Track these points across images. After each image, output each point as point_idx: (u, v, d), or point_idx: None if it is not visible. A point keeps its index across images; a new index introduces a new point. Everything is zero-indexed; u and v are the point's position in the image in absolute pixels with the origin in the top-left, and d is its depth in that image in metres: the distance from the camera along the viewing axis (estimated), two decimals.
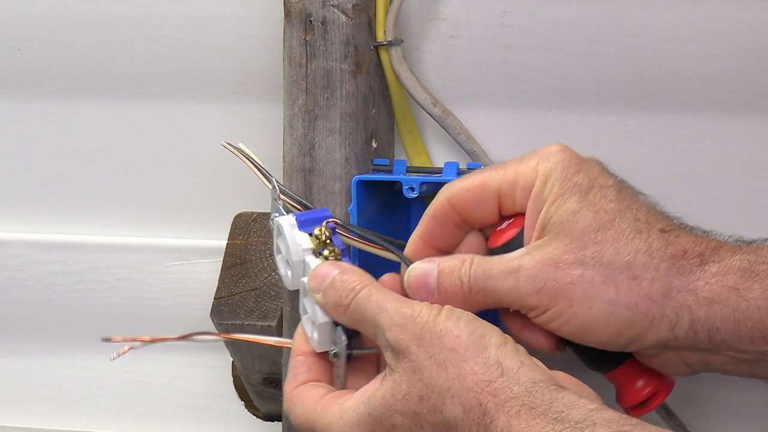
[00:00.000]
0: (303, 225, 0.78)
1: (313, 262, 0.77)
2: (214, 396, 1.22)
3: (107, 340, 0.86)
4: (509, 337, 0.72)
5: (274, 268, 1.09)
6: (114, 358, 0.85)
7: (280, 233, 0.81)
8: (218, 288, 1.11)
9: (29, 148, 1.20)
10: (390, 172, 1.04)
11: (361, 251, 0.94)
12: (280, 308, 1.07)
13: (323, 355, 0.78)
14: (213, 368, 1.21)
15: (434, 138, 1.10)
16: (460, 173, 1.02)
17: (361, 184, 1.01)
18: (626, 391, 0.84)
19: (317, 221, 0.82)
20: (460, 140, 1.07)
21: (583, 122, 1.07)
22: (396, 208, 1.09)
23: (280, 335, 1.07)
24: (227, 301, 1.10)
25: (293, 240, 0.78)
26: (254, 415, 1.21)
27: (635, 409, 0.84)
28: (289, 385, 0.79)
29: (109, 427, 1.24)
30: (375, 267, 1.05)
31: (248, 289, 1.10)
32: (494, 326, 0.72)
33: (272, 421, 1.20)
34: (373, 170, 1.05)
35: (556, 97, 1.07)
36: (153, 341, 0.86)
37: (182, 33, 1.13)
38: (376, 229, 1.03)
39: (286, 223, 0.78)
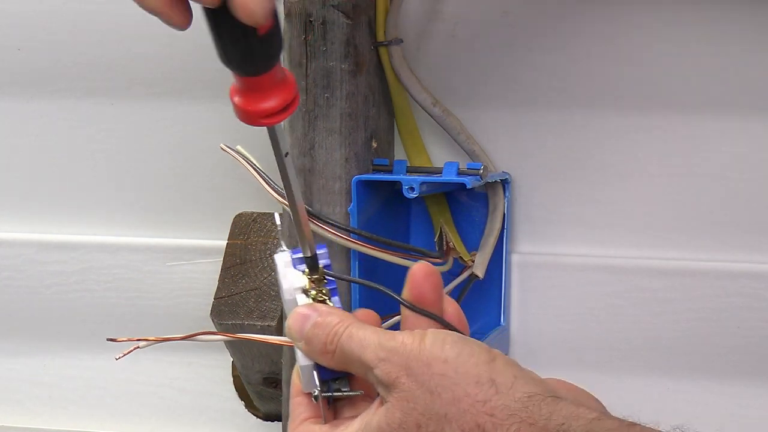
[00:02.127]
0: (298, 262, 0.78)
1: (302, 302, 0.77)
2: (214, 396, 1.22)
3: (112, 340, 0.85)
4: (497, 351, 0.71)
5: (274, 268, 1.10)
6: (119, 358, 0.85)
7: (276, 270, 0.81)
8: (218, 288, 1.11)
9: (29, 148, 1.20)
10: (390, 172, 1.04)
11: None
12: (280, 308, 1.07)
13: None
14: (213, 368, 1.21)
15: (434, 138, 1.10)
16: (460, 173, 1.02)
17: (361, 184, 1.01)
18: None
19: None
20: (460, 140, 1.07)
21: (583, 122, 1.07)
22: (396, 208, 1.09)
23: (279, 335, 1.07)
24: (227, 301, 1.10)
25: (285, 278, 0.77)
26: (254, 415, 1.21)
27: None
28: (290, 426, 0.78)
29: (109, 427, 1.24)
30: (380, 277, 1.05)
31: (248, 289, 1.10)
32: (481, 343, 0.71)
33: (272, 421, 1.20)
34: (373, 170, 1.05)
35: (556, 97, 1.07)
36: (157, 341, 0.86)
37: (182, 33, 1.13)
38: (376, 229, 1.03)
39: (281, 260, 0.78)
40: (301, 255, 0.77)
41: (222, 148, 1.02)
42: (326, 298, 0.77)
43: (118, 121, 1.18)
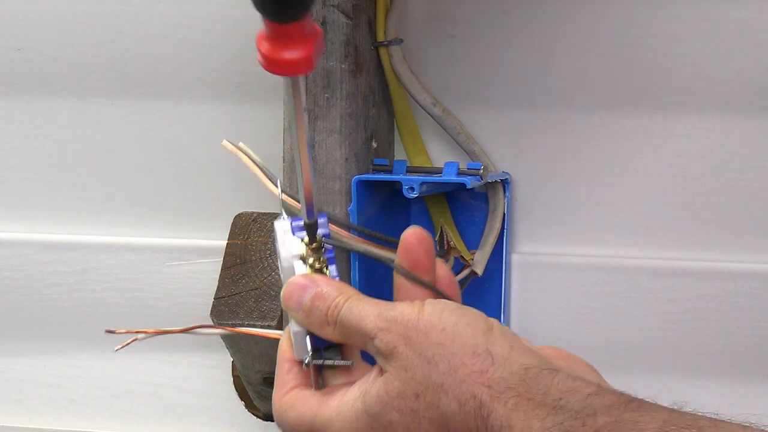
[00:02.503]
0: (297, 230, 0.77)
1: (300, 269, 0.76)
2: (214, 396, 1.22)
3: (111, 332, 0.85)
4: (495, 320, 0.71)
5: (274, 268, 1.09)
6: (118, 349, 0.85)
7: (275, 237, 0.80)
8: (218, 288, 1.11)
9: (29, 148, 1.20)
10: (390, 172, 1.04)
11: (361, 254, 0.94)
12: (280, 308, 1.07)
13: None
14: (213, 368, 1.21)
15: (434, 138, 1.10)
16: (460, 173, 1.02)
17: (361, 184, 1.01)
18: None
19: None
20: (460, 140, 1.07)
21: (583, 122, 1.07)
22: (396, 208, 1.09)
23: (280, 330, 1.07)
24: (227, 301, 1.09)
25: (284, 245, 0.77)
26: (254, 415, 1.21)
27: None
28: (277, 394, 0.77)
29: (109, 427, 1.24)
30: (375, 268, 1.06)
31: (248, 289, 1.10)
32: (478, 312, 0.71)
33: (272, 421, 1.20)
34: (373, 170, 1.05)
35: (556, 97, 1.07)
36: (156, 333, 0.86)
37: (182, 33, 1.14)
38: (376, 229, 1.03)
39: (280, 228, 0.78)
40: (300, 223, 0.76)
41: (224, 145, 1.02)
42: (324, 266, 0.76)
43: (118, 121, 1.18)
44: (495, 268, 1.08)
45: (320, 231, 0.76)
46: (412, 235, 0.74)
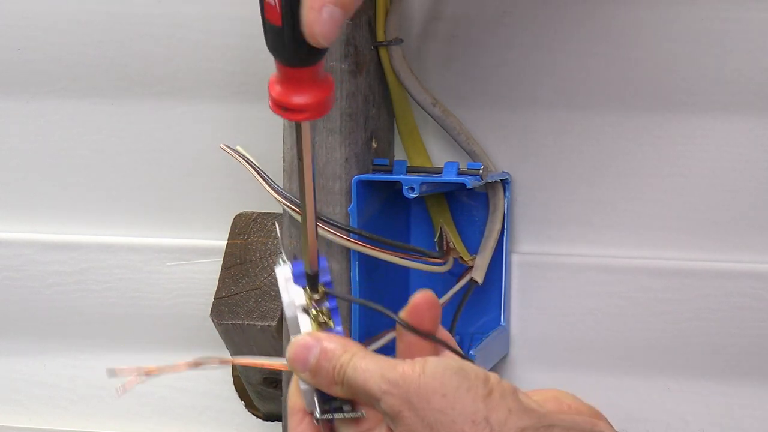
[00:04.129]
0: (298, 278, 0.77)
1: (303, 322, 0.77)
2: (214, 396, 1.22)
3: (112, 372, 0.85)
4: (495, 379, 0.72)
5: (274, 269, 1.10)
6: (122, 393, 0.85)
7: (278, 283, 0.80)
8: (218, 288, 1.11)
9: (29, 148, 1.20)
10: (390, 172, 1.04)
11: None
12: (280, 308, 1.07)
13: None
14: (213, 368, 1.21)
15: (434, 138, 1.10)
16: (460, 173, 1.02)
17: (361, 184, 1.01)
18: None
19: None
20: (460, 140, 1.07)
21: (583, 122, 1.07)
22: (396, 208, 1.09)
23: (279, 336, 1.07)
24: (227, 301, 1.10)
25: (286, 295, 0.77)
26: (254, 415, 1.21)
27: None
28: None
29: (109, 427, 1.24)
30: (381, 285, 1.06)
31: (248, 289, 1.10)
32: (479, 371, 0.72)
33: (272, 421, 1.20)
34: (373, 170, 1.05)
35: (556, 97, 1.07)
36: (160, 372, 0.86)
37: (182, 33, 1.14)
38: (376, 230, 1.03)
39: (281, 276, 0.78)
40: (302, 269, 0.76)
41: (222, 148, 1.02)
42: (327, 317, 0.77)
43: (118, 121, 1.17)
44: (495, 268, 1.08)
45: (322, 279, 0.76)
46: (423, 300, 0.75)
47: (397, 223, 1.10)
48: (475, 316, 1.10)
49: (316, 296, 0.76)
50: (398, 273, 1.09)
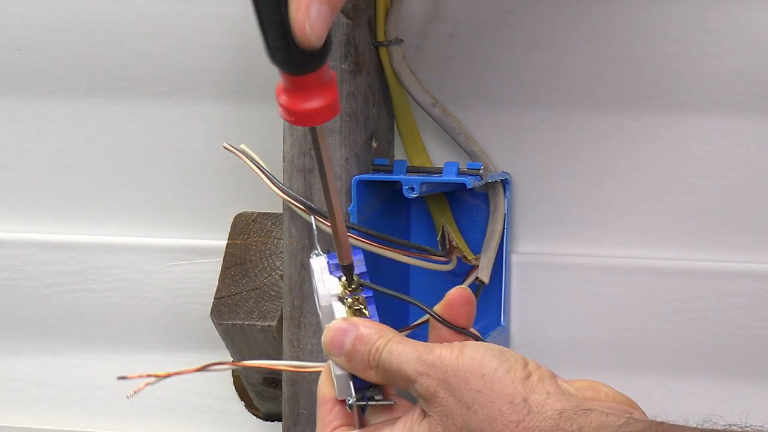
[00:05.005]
0: (334, 268, 0.78)
1: (339, 310, 0.77)
2: (214, 396, 1.22)
3: (123, 378, 0.86)
4: (533, 364, 0.72)
5: (274, 268, 1.10)
6: (131, 396, 0.85)
7: (313, 275, 0.81)
8: (218, 288, 1.11)
9: (29, 148, 1.20)
10: (390, 172, 1.04)
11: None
12: (280, 308, 1.07)
13: None
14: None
15: (434, 138, 1.10)
16: (460, 173, 1.02)
17: (361, 184, 1.01)
18: None
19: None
20: (460, 140, 1.07)
21: (583, 122, 1.07)
22: (396, 208, 1.09)
23: (279, 335, 1.07)
24: (227, 301, 1.10)
25: (322, 285, 0.78)
26: (254, 415, 1.21)
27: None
28: None
29: (109, 427, 1.24)
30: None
31: (248, 289, 1.10)
32: (517, 356, 0.72)
33: (272, 421, 1.20)
34: (373, 170, 1.05)
35: (556, 97, 1.07)
36: (168, 376, 0.86)
37: (182, 33, 1.14)
38: (377, 229, 1.03)
39: (317, 266, 0.78)
40: (336, 261, 0.77)
41: (225, 147, 1.02)
42: (362, 306, 0.77)
43: (118, 121, 1.17)
44: (495, 268, 1.08)
45: (357, 270, 0.77)
46: (459, 296, 0.76)
47: (397, 223, 1.10)
48: (475, 316, 1.10)
49: (352, 286, 0.77)
50: (398, 273, 1.09)
